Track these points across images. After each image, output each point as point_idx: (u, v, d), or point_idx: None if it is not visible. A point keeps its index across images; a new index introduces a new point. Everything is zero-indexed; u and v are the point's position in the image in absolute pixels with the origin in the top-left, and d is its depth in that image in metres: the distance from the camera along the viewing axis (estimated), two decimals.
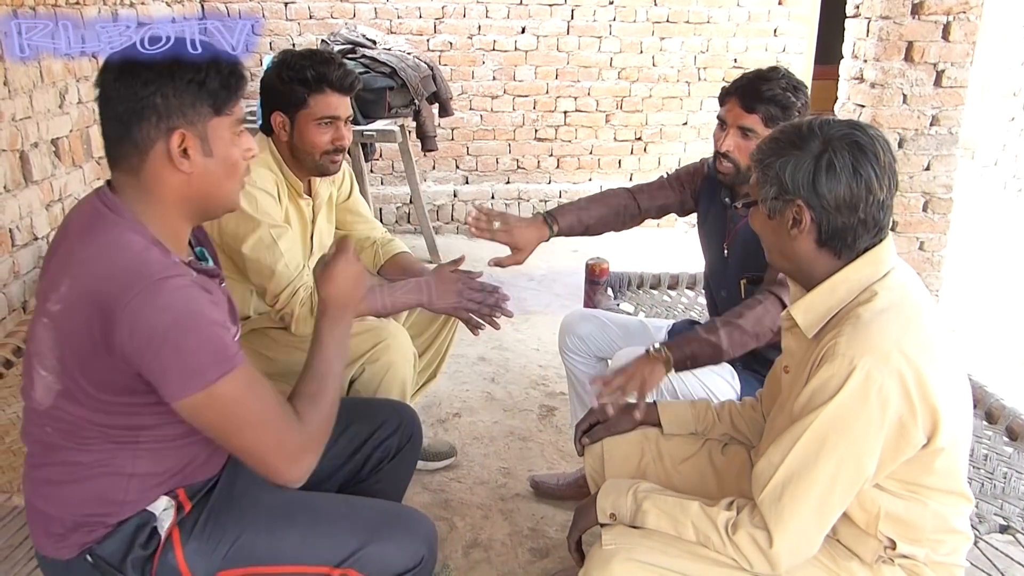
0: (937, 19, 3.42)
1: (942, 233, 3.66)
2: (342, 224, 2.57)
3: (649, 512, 1.48)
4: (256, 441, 1.35)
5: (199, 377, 1.27)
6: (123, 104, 1.32)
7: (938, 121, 3.53)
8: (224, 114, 1.37)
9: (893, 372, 1.31)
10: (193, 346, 1.27)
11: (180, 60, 1.33)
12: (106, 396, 1.33)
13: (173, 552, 1.42)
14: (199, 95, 1.34)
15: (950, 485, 1.42)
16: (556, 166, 5.99)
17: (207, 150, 1.37)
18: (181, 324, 1.26)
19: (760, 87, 2.04)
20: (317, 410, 1.42)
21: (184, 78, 1.32)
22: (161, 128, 1.32)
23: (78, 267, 1.31)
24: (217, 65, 1.36)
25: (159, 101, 1.31)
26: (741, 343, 1.98)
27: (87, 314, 1.27)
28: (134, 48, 1.35)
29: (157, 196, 1.37)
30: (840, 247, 1.43)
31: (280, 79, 2.16)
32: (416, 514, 1.60)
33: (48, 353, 1.32)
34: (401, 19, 5.59)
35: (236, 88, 1.39)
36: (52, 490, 1.41)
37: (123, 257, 1.30)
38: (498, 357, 3.76)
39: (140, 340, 1.25)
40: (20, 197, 3.05)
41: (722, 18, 5.79)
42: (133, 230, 1.33)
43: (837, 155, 1.38)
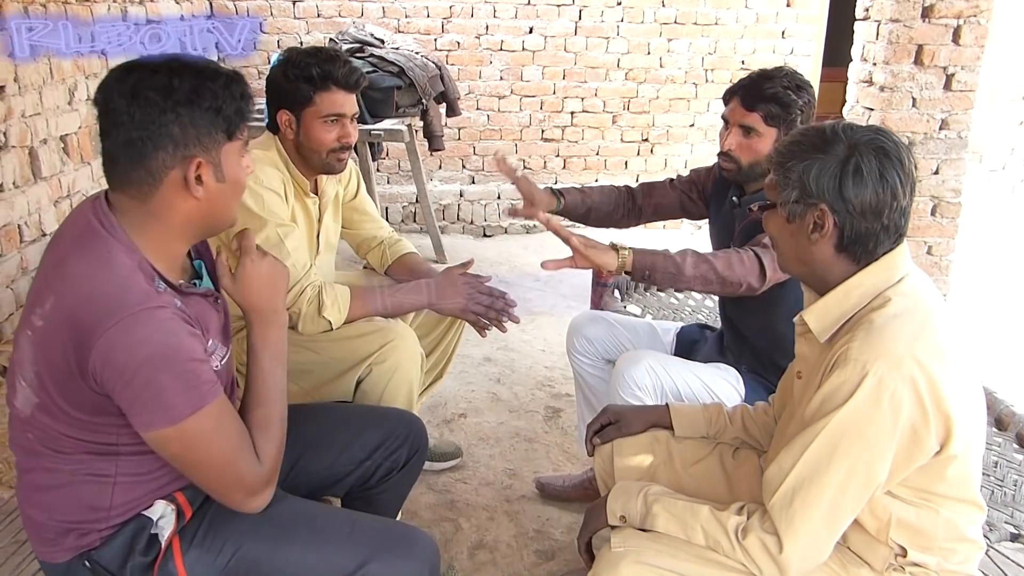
0: (947, 22, 3.41)
1: (950, 238, 3.66)
2: (349, 223, 2.57)
3: (659, 515, 1.48)
4: (218, 477, 1.36)
5: (168, 413, 1.27)
6: (138, 130, 1.28)
7: (947, 125, 3.52)
8: (236, 139, 1.37)
9: (906, 378, 1.31)
10: (166, 382, 1.26)
11: (199, 87, 1.30)
12: (80, 415, 1.32)
13: (173, 561, 1.41)
14: (215, 122, 1.32)
15: (963, 493, 1.41)
16: (562, 166, 5.98)
17: (219, 175, 1.36)
18: (156, 359, 1.25)
19: (762, 86, 2.06)
20: (268, 440, 1.43)
21: (203, 106, 1.30)
22: (177, 156, 1.30)
23: (63, 285, 1.29)
24: (231, 90, 1.34)
25: (177, 130, 1.29)
26: (704, 278, 1.95)
27: (64, 335, 1.26)
28: (145, 67, 1.31)
29: (162, 220, 1.34)
30: (860, 253, 1.42)
31: (286, 77, 2.16)
32: (418, 533, 1.58)
33: (28, 366, 1.31)
34: (409, 18, 5.59)
35: (248, 112, 1.38)
36: (39, 496, 1.41)
37: (107, 281, 1.27)
38: (504, 358, 3.76)
39: (113, 371, 1.24)
40: (29, 193, 3.06)
41: (730, 20, 5.78)
42: (123, 251, 1.31)
43: (864, 160, 1.37)
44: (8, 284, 2.91)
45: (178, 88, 1.29)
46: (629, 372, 2.13)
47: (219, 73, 1.34)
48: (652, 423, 1.85)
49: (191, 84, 1.30)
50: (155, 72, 1.30)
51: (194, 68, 1.32)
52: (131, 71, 1.30)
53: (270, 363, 1.48)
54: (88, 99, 3.58)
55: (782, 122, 2.07)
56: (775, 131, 2.08)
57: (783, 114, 2.05)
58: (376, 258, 2.61)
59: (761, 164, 2.10)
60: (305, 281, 2.12)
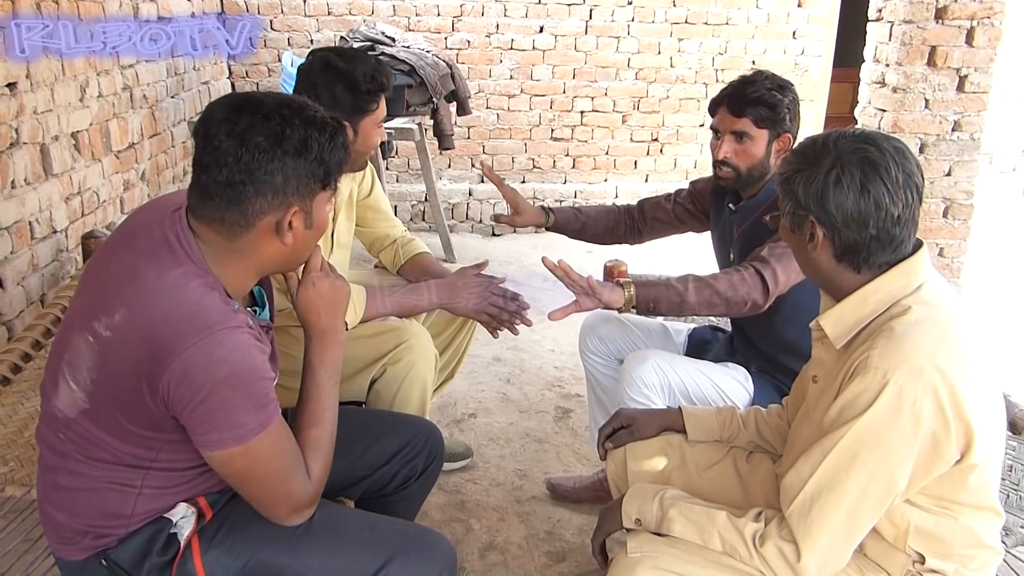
0: (961, 24, 3.40)
1: (962, 239, 3.65)
2: (362, 221, 2.57)
3: (675, 520, 1.47)
4: (271, 494, 1.38)
5: (239, 432, 1.29)
6: (242, 174, 1.28)
7: (960, 127, 3.51)
8: (330, 188, 1.38)
9: (927, 387, 1.30)
10: (239, 401, 1.28)
11: (307, 139, 1.30)
12: (134, 428, 1.33)
13: (192, 561, 1.41)
14: (316, 172, 1.33)
15: (982, 500, 1.41)
16: (572, 166, 5.97)
17: (309, 223, 1.37)
18: (234, 378, 1.26)
19: (746, 91, 2.10)
20: (318, 459, 1.45)
21: (309, 157, 1.31)
22: (275, 203, 1.31)
23: (136, 301, 1.28)
24: (335, 142, 1.35)
25: (280, 179, 1.29)
26: (708, 302, 1.99)
27: (138, 351, 1.26)
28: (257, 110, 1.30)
29: (245, 258, 1.35)
30: (857, 262, 1.42)
31: (356, 90, 2.14)
32: (436, 536, 1.59)
33: (85, 371, 1.31)
34: (419, 16, 5.58)
35: (343, 161, 1.38)
36: (60, 496, 1.41)
37: (185, 301, 1.27)
38: (514, 358, 3.75)
39: (188, 389, 1.25)
40: (40, 190, 3.06)
41: (741, 20, 5.76)
42: (199, 275, 1.31)
43: (845, 171, 1.37)
44: (19, 281, 2.91)
45: (289, 138, 1.29)
46: (636, 371, 2.13)
47: (326, 124, 1.35)
48: (665, 427, 1.85)
49: (301, 135, 1.30)
50: (267, 119, 1.29)
51: (304, 117, 1.32)
52: (243, 112, 1.29)
53: (327, 380, 1.50)
54: (99, 96, 3.58)
55: (771, 123, 2.11)
56: (766, 132, 2.12)
57: (771, 115, 2.09)
58: (388, 257, 2.61)
59: (758, 168, 2.14)
60: None
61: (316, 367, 1.50)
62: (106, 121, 3.66)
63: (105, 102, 3.65)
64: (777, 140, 2.13)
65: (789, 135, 2.14)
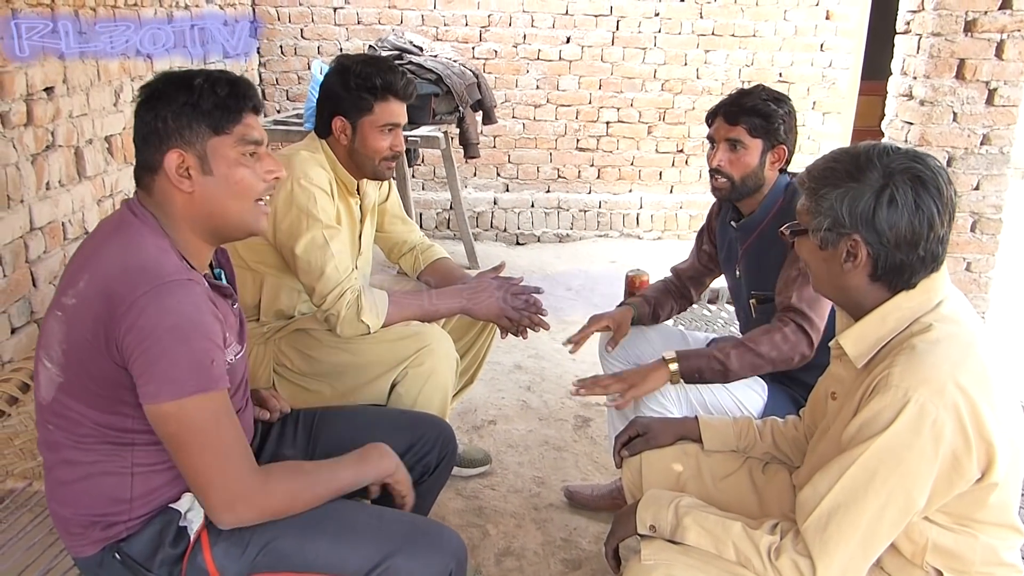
0: (991, 37, 3.37)
1: (990, 254, 3.61)
2: (380, 225, 2.59)
3: (690, 528, 1.47)
4: (204, 469, 1.37)
5: (174, 387, 1.31)
6: (137, 130, 1.43)
7: (989, 140, 3.48)
8: (224, 133, 1.43)
9: (948, 405, 1.29)
10: (181, 354, 1.31)
11: (180, 86, 1.41)
12: (100, 390, 1.36)
13: (202, 554, 1.43)
14: (193, 116, 1.40)
15: (1002, 518, 1.40)
16: (597, 176, 5.98)
17: (207, 169, 1.42)
18: (177, 330, 1.31)
19: (741, 101, 2.14)
20: (289, 485, 1.46)
21: (179, 100, 1.39)
22: (162, 149, 1.40)
23: (96, 264, 1.36)
24: (213, 86, 1.41)
25: (159, 124, 1.39)
26: (752, 365, 2.03)
27: (96, 308, 1.32)
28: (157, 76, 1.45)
29: (169, 213, 1.43)
30: (896, 282, 1.40)
31: (346, 86, 2.19)
32: (444, 529, 1.60)
33: (56, 345, 1.37)
34: (448, 26, 5.63)
35: (234, 108, 1.44)
36: (62, 491, 1.44)
37: (140, 256, 1.35)
38: (534, 366, 3.76)
39: (135, 337, 1.30)
40: (73, 192, 3.12)
41: (768, 32, 5.75)
42: (155, 235, 1.40)
43: (899, 190, 1.34)
44: (51, 280, 2.97)
45: (163, 89, 1.42)
46: None
47: (209, 74, 1.44)
48: (681, 435, 1.85)
49: (174, 85, 1.41)
50: (154, 80, 1.44)
51: (188, 73, 1.44)
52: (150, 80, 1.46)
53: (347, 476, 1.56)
54: (132, 101, 3.64)
55: (765, 133, 2.13)
56: (760, 142, 2.14)
57: (766, 125, 2.12)
58: (408, 263, 2.64)
59: (751, 178, 2.15)
60: (346, 284, 2.15)
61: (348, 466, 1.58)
62: None
63: None
64: (771, 152, 2.15)
65: (784, 147, 2.16)
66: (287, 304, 2.32)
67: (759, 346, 2.01)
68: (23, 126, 2.78)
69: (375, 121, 2.21)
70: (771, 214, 2.19)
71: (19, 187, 2.76)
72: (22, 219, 2.79)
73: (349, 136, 2.22)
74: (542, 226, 5.89)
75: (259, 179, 1.47)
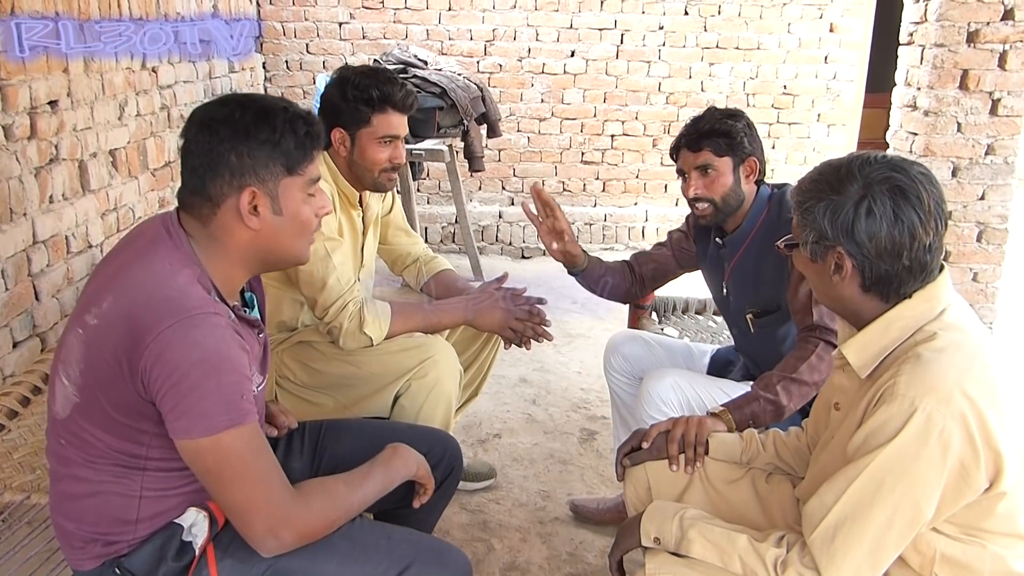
0: (993, 47, 3.37)
1: (996, 264, 3.59)
2: (383, 238, 2.59)
3: (695, 541, 1.45)
4: (244, 500, 1.34)
5: (207, 422, 1.29)
6: (200, 158, 1.37)
7: (993, 150, 3.47)
8: (296, 174, 1.41)
9: (956, 414, 1.27)
10: (211, 390, 1.28)
11: (259, 120, 1.37)
12: (119, 417, 1.34)
13: (207, 570, 1.41)
14: (273, 154, 1.38)
15: (1010, 528, 1.37)
16: (602, 189, 5.98)
17: (277, 208, 1.40)
18: (206, 365, 1.28)
19: (697, 127, 2.15)
20: (325, 503, 1.43)
21: (259, 137, 1.36)
22: (234, 185, 1.37)
23: (122, 286, 1.34)
24: (293, 125, 1.39)
25: (233, 159, 1.36)
26: (801, 395, 1.98)
27: (119, 334, 1.29)
28: (221, 101, 1.41)
29: (223, 245, 1.41)
30: (887, 292, 1.40)
31: (344, 97, 2.19)
32: (451, 548, 1.59)
33: (74, 364, 1.34)
34: (452, 41, 5.65)
35: (311, 148, 1.42)
36: (68, 504, 1.42)
37: (166, 286, 1.32)
38: (540, 379, 3.75)
39: (162, 371, 1.27)
40: (77, 205, 3.13)
41: (772, 44, 5.76)
42: (185, 263, 1.36)
43: (877, 201, 1.34)
44: (54, 294, 2.97)
45: (239, 120, 1.36)
46: (655, 389, 2.13)
47: (286, 110, 1.40)
48: None
49: (253, 117, 1.37)
50: (224, 105, 1.39)
51: (262, 103, 1.40)
52: (210, 103, 1.41)
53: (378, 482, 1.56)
54: (138, 115, 3.66)
55: (731, 150, 2.12)
56: (728, 160, 2.13)
57: (728, 142, 2.12)
58: (412, 275, 2.63)
59: (732, 196, 2.15)
60: (348, 296, 2.14)
61: (378, 470, 1.57)
62: (143, 140, 3.74)
63: (143, 121, 3.73)
64: (743, 165, 2.15)
65: (754, 159, 2.16)
66: (289, 316, 2.32)
67: (801, 375, 1.97)
68: (27, 139, 2.79)
69: (373, 133, 2.21)
70: (757, 227, 2.18)
71: (22, 200, 2.76)
72: (25, 232, 2.79)
73: (348, 148, 2.22)
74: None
75: (314, 216, 1.47)
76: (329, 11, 5.60)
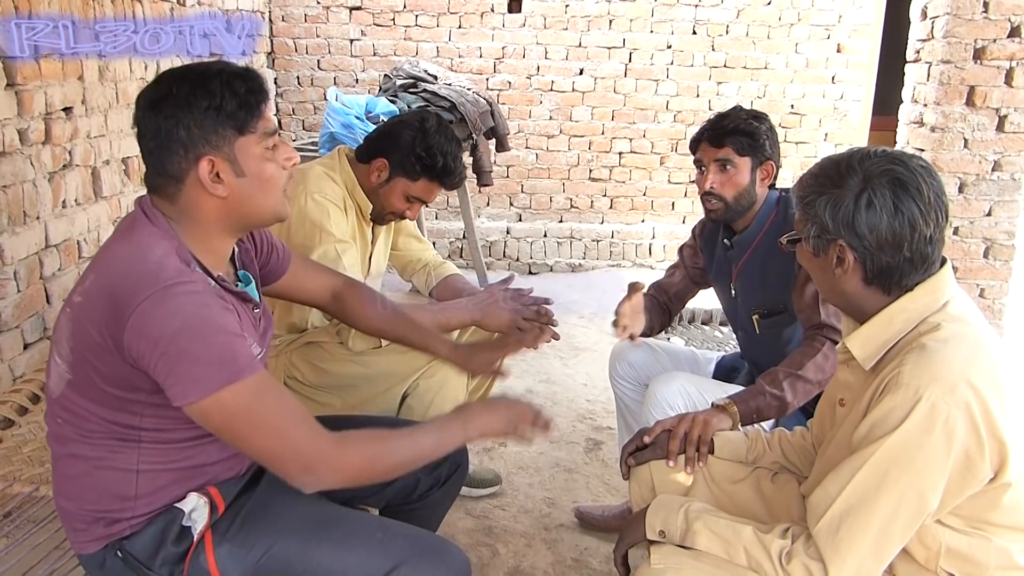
0: (1000, 64, 3.39)
1: (1004, 280, 3.59)
2: (396, 244, 2.61)
3: (700, 533, 1.45)
4: (265, 449, 1.34)
5: (203, 384, 1.27)
6: (152, 140, 1.35)
7: (1000, 166, 3.48)
8: (249, 132, 1.38)
9: (960, 403, 1.28)
10: (200, 353, 1.27)
11: (195, 89, 1.34)
12: (111, 389, 1.34)
13: (205, 555, 1.42)
14: (219, 119, 1.35)
15: (1016, 520, 1.37)
16: (609, 206, 6.01)
17: (239, 171, 1.38)
18: (189, 331, 1.27)
19: (722, 123, 2.17)
20: (365, 444, 1.42)
21: (201, 106, 1.34)
22: (189, 158, 1.35)
23: (103, 264, 1.36)
24: (232, 86, 1.36)
25: (182, 132, 1.33)
26: (805, 392, 1.99)
27: (101, 310, 1.30)
28: (156, 80, 1.39)
29: (195, 218, 1.40)
30: (889, 285, 1.41)
31: (411, 145, 2.22)
32: (450, 546, 1.58)
33: (64, 342, 1.36)
34: (462, 58, 5.70)
35: (256, 104, 1.39)
36: (67, 485, 1.44)
37: (145, 260, 1.32)
38: (546, 390, 3.75)
39: (148, 343, 1.27)
40: (90, 211, 3.16)
41: (779, 64, 5.80)
42: (162, 236, 1.36)
43: (877, 193, 1.36)
44: (64, 297, 2.99)
45: (178, 94, 1.34)
46: (662, 392, 2.13)
47: (221, 72, 1.37)
48: None
49: (191, 87, 1.35)
50: (161, 83, 1.37)
51: (196, 72, 1.37)
52: (148, 86, 1.39)
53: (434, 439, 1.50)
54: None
55: (752, 150, 2.15)
56: (748, 160, 2.16)
57: (751, 142, 2.14)
58: (421, 280, 2.65)
59: (744, 197, 2.17)
60: None
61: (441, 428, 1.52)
62: None
63: None
64: (760, 168, 2.17)
65: (771, 163, 2.18)
66: (299, 317, 2.33)
67: (806, 373, 1.98)
68: (41, 144, 2.82)
69: (410, 189, 2.26)
70: (765, 228, 2.20)
71: (36, 204, 2.79)
72: (38, 236, 2.82)
73: (380, 180, 2.26)
74: (555, 256, 5.90)
75: (281, 169, 1.44)
76: (340, 28, 5.67)
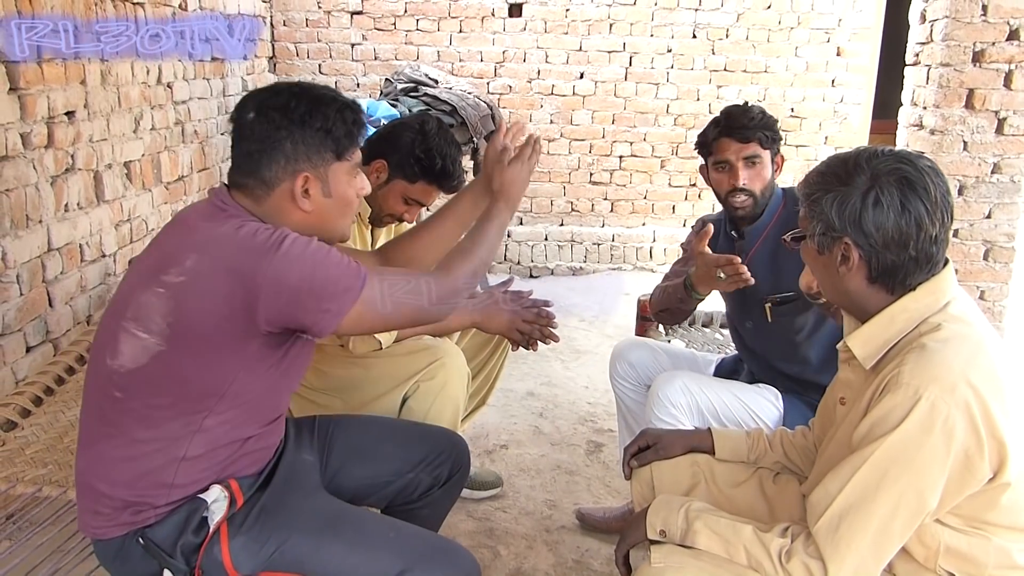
0: (999, 67, 3.40)
1: (1004, 283, 3.59)
2: None
3: (700, 532, 1.45)
4: (410, 310, 1.50)
5: (351, 293, 1.39)
6: (256, 143, 1.46)
7: (1000, 169, 3.49)
8: (345, 159, 1.50)
9: (960, 403, 1.28)
10: (331, 271, 1.39)
11: (313, 109, 1.45)
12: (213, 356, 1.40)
13: (219, 545, 1.44)
14: (325, 141, 1.46)
15: (1015, 520, 1.38)
16: (610, 210, 6.02)
17: (327, 191, 1.49)
18: (315, 263, 1.38)
19: (743, 120, 2.18)
20: (465, 260, 1.61)
21: (314, 126, 1.45)
22: (288, 170, 1.45)
23: (207, 244, 1.40)
24: (343, 115, 1.48)
25: (289, 145, 1.45)
26: None
27: (223, 286, 1.36)
28: (274, 89, 1.50)
29: (275, 223, 1.47)
30: (892, 284, 1.41)
31: (411, 147, 2.22)
32: (461, 550, 1.60)
33: (158, 318, 1.38)
34: (463, 62, 5.71)
35: (357, 135, 1.51)
36: (105, 467, 1.45)
37: (248, 234, 1.39)
38: (547, 393, 3.76)
39: (288, 295, 1.36)
40: (92, 215, 3.17)
41: (779, 67, 5.81)
42: (250, 219, 1.45)
43: (884, 191, 1.36)
44: (67, 301, 3.00)
45: (294, 109, 1.45)
46: (664, 391, 2.14)
47: (335, 100, 1.50)
48: (691, 447, 1.83)
49: (307, 107, 1.45)
50: (278, 94, 1.48)
51: (313, 93, 1.49)
52: (264, 91, 1.50)
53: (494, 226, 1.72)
54: (152, 128, 3.72)
55: (772, 142, 2.19)
56: (769, 153, 2.20)
57: (773, 135, 2.19)
58: None
59: (769, 189, 2.22)
60: None
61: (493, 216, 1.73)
62: (158, 153, 3.79)
63: (158, 135, 3.78)
64: (774, 160, 2.22)
65: (780, 154, 2.23)
66: None
67: None
68: (43, 148, 2.83)
69: (408, 191, 2.27)
70: (774, 219, 2.22)
71: (38, 207, 2.80)
72: (40, 239, 2.83)
73: (378, 181, 2.26)
74: (556, 259, 5.91)
75: (355, 195, 1.55)
76: (341, 32, 5.68)
